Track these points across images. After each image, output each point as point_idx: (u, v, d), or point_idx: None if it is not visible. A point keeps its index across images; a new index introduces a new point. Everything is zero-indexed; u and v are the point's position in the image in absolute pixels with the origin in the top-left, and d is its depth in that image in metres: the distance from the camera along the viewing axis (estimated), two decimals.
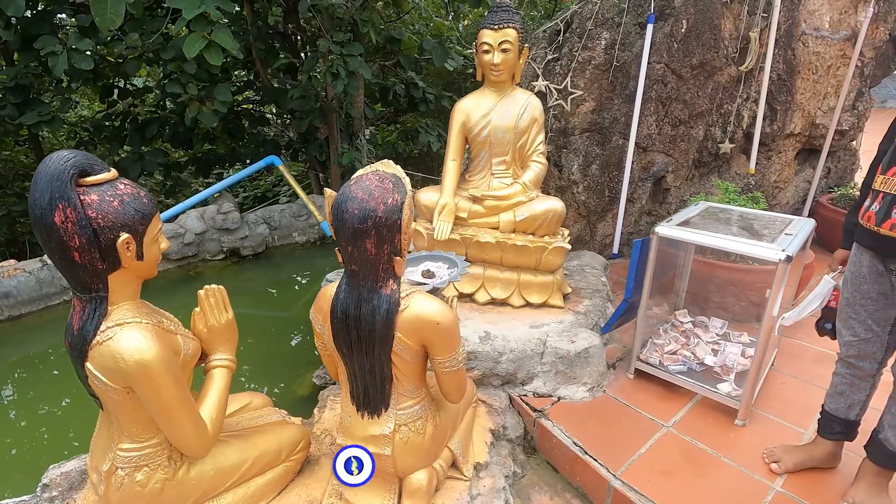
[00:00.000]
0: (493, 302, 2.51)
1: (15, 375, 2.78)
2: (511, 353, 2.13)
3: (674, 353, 2.29)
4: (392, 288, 1.33)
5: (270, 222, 4.57)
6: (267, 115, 6.24)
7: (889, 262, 1.44)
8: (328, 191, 1.39)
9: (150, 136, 4.77)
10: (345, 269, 1.36)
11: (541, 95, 3.09)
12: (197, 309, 1.44)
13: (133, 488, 1.27)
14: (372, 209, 1.23)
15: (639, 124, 3.12)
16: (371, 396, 1.43)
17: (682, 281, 2.71)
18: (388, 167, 1.38)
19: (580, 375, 2.15)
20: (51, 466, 1.59)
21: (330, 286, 1.44)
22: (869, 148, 1.61)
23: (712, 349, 2.32)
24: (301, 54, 5.39)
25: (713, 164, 3.66)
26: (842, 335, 1.63)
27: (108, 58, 4.51)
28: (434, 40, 5.05)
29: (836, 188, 4.03)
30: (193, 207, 4.26)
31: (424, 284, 1.76)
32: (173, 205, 4.43)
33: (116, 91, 4.89)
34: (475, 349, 2.13)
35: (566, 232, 2.54)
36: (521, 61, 2.44)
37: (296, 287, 4.01)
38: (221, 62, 3.33)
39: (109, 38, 3.94)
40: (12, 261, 3.38)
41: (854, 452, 1.74)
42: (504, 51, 2.33)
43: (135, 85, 5.66)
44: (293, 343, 3.10)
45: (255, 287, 3.92)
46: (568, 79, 3.09)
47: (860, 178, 4.01)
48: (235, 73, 5.86)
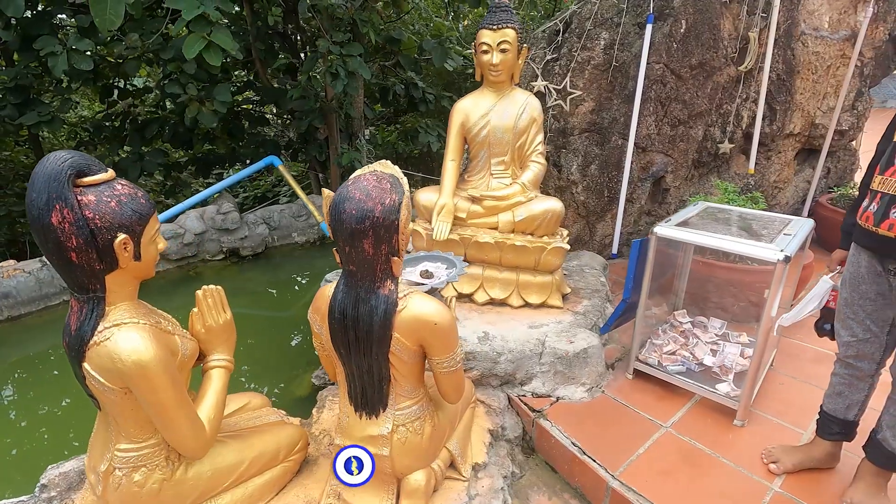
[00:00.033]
0: (492, 302, 2.51)
1: (15, 375, 2.79)
2: (510, 354, 2.13)
3: (673, 354, 2.29)
4: (390, 288, 1.33)
5: (270, 222, 4.57)
6: (267, 116, 6.24)
7: (887, 263, 1.44)
8: (326, 191, 1.39)
9: (150, 137, 4.78)
10: (343, 270, 1.36)
11: (540, 95, 3.08)
12: (195, 309, 1.44)
13: (131, 489, 1.27)
14: (369, 209, 1.24)
15: (638, 124, 3.12)
16: (369, 397, 1.43)
17: (681, 281, 2.70)
18: (386, 167, 1.38)
19: (579, 376, 2.15)
20: (49, 467, 1.59)
21: (328, 286, 1.44)
22: (869, 148, 1.61)
23: (711, 349, 2.32)
24: (301, 54, 5.39)
25: (712, 165, 3.65)
26: (840, 335, 1.63)
27: (108, 58, 4.51)
28: (434, 40, 5.05)
29: (836, 188, 4.02)
30: (193, 208, 4.26)
31: (422, 285, 1.76)
32: (173, 205, 4.43)
33: (116, 91, 4.89)
34: (474, 349, 2.13)
35: (565, 232, 2.54)
36: (520, 61, 2.44)
37: (295, 287, 4.01)
38: (221, 63, 3.34)
39: (109, 39, 3.94)
40: (12, 261, 3.38)
41: (853, 453, 1.74)
42: (503, 51, 2.34)
43: (135, 85, 5.67)
44: (293, 343, 3.10)
45: (255, 287, 3.92)
46: (567, 79, 3.09)
47: (860, 178, 4.01)
48: (235, 74, 5.86)
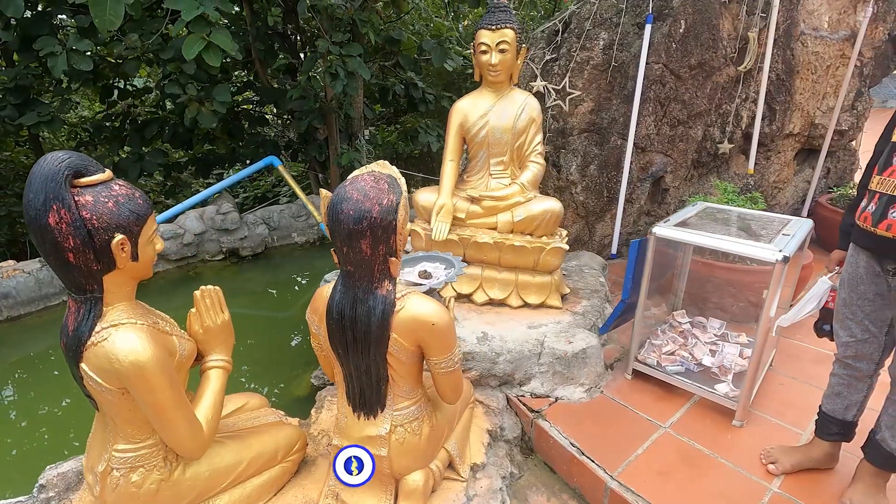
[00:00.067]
0: (491, 302, 2.51)
1: (15, 376, 2.79)
2: (509, 354, 2.13)
3: (671, 354, 2.29)
4: (388, 289, 1.33)
5: (269, 223, 4.57)
6: (266, 116, 6.24)
7: (885, 263, 1.43)
8: (324, 191, 1.39)
9: (150, 137, 4.78)
10: (340, 270, 1.36)
11: (539, 96, 3.08)
12: (193, 310, 1.44)
13: (128, 489, 1.27)
14: (367, 210, 1.24)
15: (637, 124, 3.12)
16: (367, 397, 1.43)
17: (681, 281, 2.70)
18: (384, 168, 1.38)
19: (578, 376, 2.15)
20: (48, 467, 1.59)
21: (326, 287, 1.44)
22: (868, 148, 1.60)
23: (710, 350, 2.32)
24: (300, 55, 5.39)
25: (712, 165, 3.65)
26: (839, 336, 1.62)
27: (108, 58, 4.51)
28: (433, 41, 5.05)
29: (836, 188, 4.02)
30: (193, 208, 4.26)
31: (421, 285, 1.76)
32: (173, 205, 4.44)
33: (116, 92, 4.89)
34: (473, 350, 2.13)
35: (564, 232, 2.54)
36: (519, 62, 2.44)
37: (295, 287, 4.01)
38: (220, 63, 3.34)
39: (109, 39, 3.95)
40: (11, 261, 3.38)
41: (851, 453, 1.74)
42: (502, 51, 2.33)
43: (134, 86, 5.67)
44: (292, 344, 3.10)
45: (255, 287, 3.92)
46: (566, 79, 3.09)
47: (860, 178, 4.00)
48: (235, 74, 5.86)
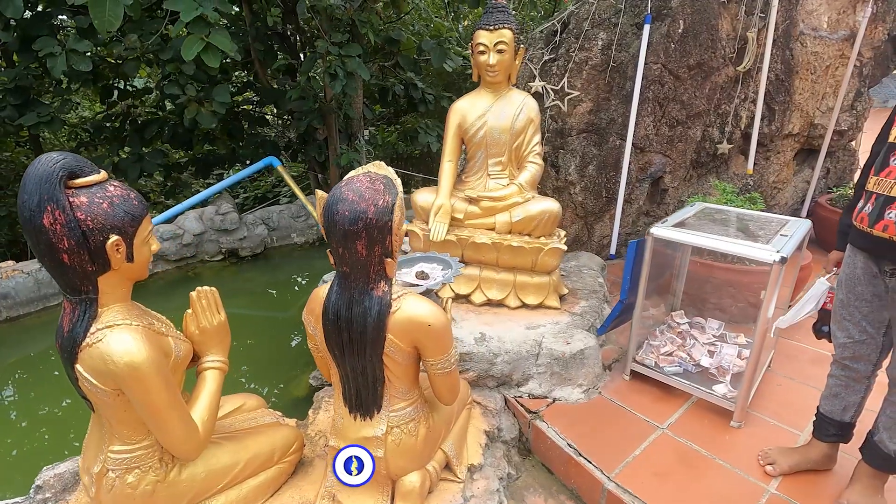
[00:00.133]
0: (489, 303, 2.51)
1: (15, 376, 2.79)
2: (506, 355, 2.13)
3: (670, 355, 2.28)
4: (383, 289, 1.33)
5: (269, 223, 4.57)
6: (266, 116, 6.25)
7: (883, 264, 1.43)
8: (320, 192, 1.38)
9: (150, 137, 4.79)
10: (336, 271, 1.36)
11: (537, 96, 3.08)
12: (189, 311, 1.44)
13: (124, 490, 1.27)
14: (362, 211, 1.23)
15: (636, 125, 3.12)
16: (363, 398, 1.43)
17: (679, 282, 2.70)
18: (380, 168, 1.38)
19: (575, 377, 2.15)
20: (44, 468, 1.59)
21: (322, 287, 1.44)
22: (868, 148, 1.60)
23: (708, 350, 2.32)
24: (300, 55, 5.40)
25: (711, 165, 3.65)
26: (836, 337, 1.62)
27: (108, 59, 4.52)
28: (433, 41, 5.05)
29: (835, 188, 4.01)
30: (192, 208, 4.27)
31: (418, 286, 1.76)
32: (173, 206, 4.44)
33: (116, 92, 4.90)
34: (470, 350, 2.13)
35: (562, 233, 2.54)
36: (517, 62, 2.44)
37: (294, 288, 4.02)
38: (219, 64, 3.34)
39: (108, 40, 3.95)
40: (11, 262, 3.39)
41: (849, 454, 1.74)
42: (500, 51, 2.33)
43: (134, 86, 5.67)
44: (291, 344, 3.11)
45: (254, 288, 3.93)
46: (565, 79, 3.09)
47: (857, 179, 4.00)
48: (234, 74, 5.86)
